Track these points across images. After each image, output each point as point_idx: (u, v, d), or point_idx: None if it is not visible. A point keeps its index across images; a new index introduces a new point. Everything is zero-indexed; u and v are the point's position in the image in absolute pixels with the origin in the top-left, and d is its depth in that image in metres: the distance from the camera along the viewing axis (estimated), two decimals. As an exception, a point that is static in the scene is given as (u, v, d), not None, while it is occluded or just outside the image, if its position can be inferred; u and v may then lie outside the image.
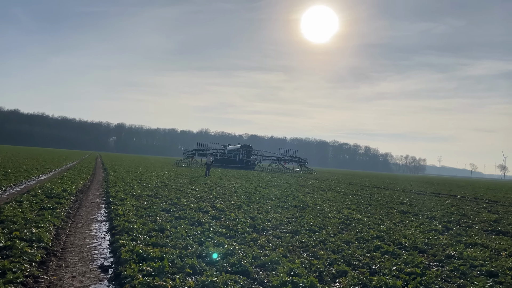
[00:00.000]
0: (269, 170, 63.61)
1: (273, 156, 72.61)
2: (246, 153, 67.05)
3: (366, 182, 44.12)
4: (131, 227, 8.62)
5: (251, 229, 9.73)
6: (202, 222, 10.22)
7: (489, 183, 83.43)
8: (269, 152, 76.20)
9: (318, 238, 8.95)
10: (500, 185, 74.09)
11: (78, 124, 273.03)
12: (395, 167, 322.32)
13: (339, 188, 28.63)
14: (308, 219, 11.80)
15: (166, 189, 19.02)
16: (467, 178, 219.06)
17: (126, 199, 13.82)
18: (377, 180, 53.52)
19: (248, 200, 16.10)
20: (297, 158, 71.16)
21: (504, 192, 40.52)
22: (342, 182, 39.32)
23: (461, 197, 28.01)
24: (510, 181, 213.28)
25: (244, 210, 13.10)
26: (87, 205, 13.23)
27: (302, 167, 69.19)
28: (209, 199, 16.07)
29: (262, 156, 71.31)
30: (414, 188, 36.45)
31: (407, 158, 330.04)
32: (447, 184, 53.88)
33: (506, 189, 48.64)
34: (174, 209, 12.20)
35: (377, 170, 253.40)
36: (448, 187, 44.69)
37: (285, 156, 71.82)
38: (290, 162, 70.69)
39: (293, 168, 68.91)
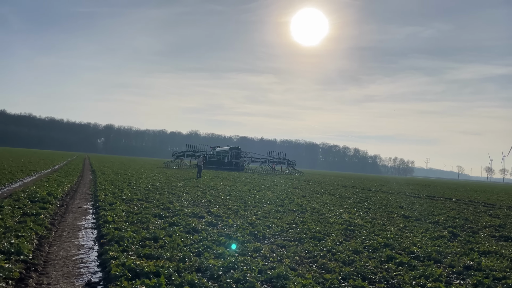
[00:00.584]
0: (258, 172, 63.36)
1: (262, 158, 72.93)
2: (235, 155, 67.34)
3: (359, 184, 43.72)
4: (121, 236, 7.87)
5: (251, 237, 9.05)
6: (198, 229, 9.51)
7: (478, 186, 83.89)
8: (258, 154, 76.80)
9: (325, 247, 8.30)
10: (489, 187, 74.45)
11: (66, 125, 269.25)
12: (384, 169, 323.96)
13: (334, 191, 28.09)
14: (309, 225, 11.15)
15: (158, 192, 18.23)
16: (454, 180, 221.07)
17: (115, 203, 13.03)
18: (369, 182, 53.21)
19: (244, 204, 15.41)
20: (286, 160, 71.58)
21: (496, 194, 40.42)
22: (335, 185, 38.84)
23: (456, 200, 27.66)
24: (497, 183, 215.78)
25: (242, 215, 12.41)
26: (74, 210, 12.41)
27: (291, 169, 69.73)
28: (203, 203, 15.34)
29: (251, 158, 71.67)
30: (407, 190, 36.11)
31: (395, 160, 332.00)
32: (439, 187, 53.80)
33: (497, 192, 48.68)
34: (167, 215, 11.46)
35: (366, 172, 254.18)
36: (441, 189, 44.51)
37: (274, 158, 72.12)
38: (278, 164, 71.04)
39: (282, 170, 69.32)
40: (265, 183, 32.65)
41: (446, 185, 64.35)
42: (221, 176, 39.81)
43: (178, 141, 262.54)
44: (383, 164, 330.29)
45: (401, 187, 42.40)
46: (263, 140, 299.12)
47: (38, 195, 13.17)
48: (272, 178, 43.84)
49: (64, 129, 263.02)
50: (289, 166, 70.64)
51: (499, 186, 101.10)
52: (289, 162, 71.29)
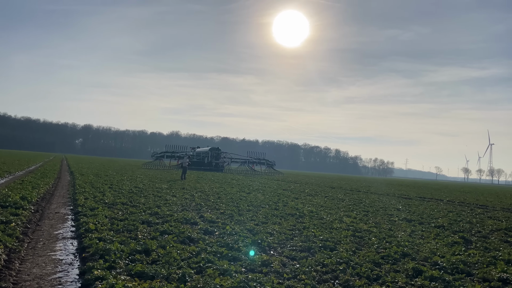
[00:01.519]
0: (237, 172, 63.13)
1: (242, 159, 73.27)
2: (215, 155, 67.59)
3: (346, 185, 43.13)
4: (107, 249, 6.73)
5: (255, 246, 8.01)
6: (194, 238, 8.42)
7: (459, 186, 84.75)
8: (238, 154, 77.40)
9: (340, 259, 7.33)
10: (470, 188, 75.12)
11: (42, 125, 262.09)
12: (364, 169, 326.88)
13: (324, 192, 27.26)
14: (314, 231, 10.18)
15: (142, 195, 16.99)
16: (433, 180, 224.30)
17: (97, 208, 11.80)
18: (354, 183, 52.78)
19: (238, 208, 14.35)
20: (265, 160, 72.12)
21: (481, 195, 40.39)
22: (323, 186, 38.11)
23: (447, 201, 27.22)
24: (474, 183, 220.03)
25: (238, 220, 11.35)
26: (51, 216, 11.12)
27: (270, 169, 70.53)
28: (193, 207, 14.22)
29: (231, 159, 72.04)
30: (395, 192, 35.63)
31: (376, 161, 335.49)
32: (423, 187, 53.78)
33: (481, 192, 48.84)
34: (156, 221, 10.31)
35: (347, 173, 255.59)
36: (427, 190, 44.33)
37: (253, 158, 72.63)
38: (258, 164, 71.30)
39: (261, 170, 69.63)
40: (253, 184, 31.61)
41: (429, 186, 64.56)
42: (205, 177, 38.58)
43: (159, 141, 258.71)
44: (363, 165, 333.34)
45: (387, 188, 42.00)
46: (245, 141, 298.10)
47: (10, 199, 11.81)
48: (258, 179, 42.84)
49: (41, 129, 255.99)
50: (268, 166, 71.25)
51: (478, 186, 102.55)
52: (268, 162, 71.82)
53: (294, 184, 38.11)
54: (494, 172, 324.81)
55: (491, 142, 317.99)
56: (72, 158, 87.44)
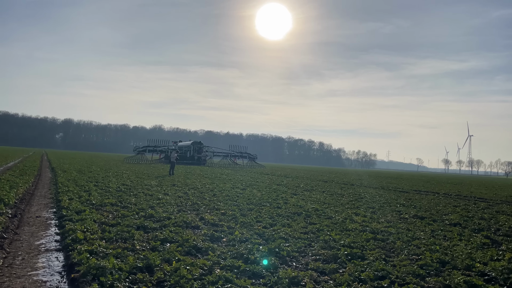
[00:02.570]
0: (219, 166, 62.94)
1: (224, 152, 73.51)
2: (197, 149, 67.81)
3: (336, 178, 42.38)
4: (101, 266, 5.53)
5: (273, 257, 6.91)
6: (201, 247, 7.27)
7: (444, 177, 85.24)
8: (220, 148, 78.24)
9: (376, 271, 6.27)
10: (455, 179, 75.48)
11: (21, 119, 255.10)
12: (347, 162, 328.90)
13: (319, 187, 26.32)
14: (331, 234, 9.13)
15: (132, 194, 15.69)
16: (415, 172, 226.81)
17: (84, 211, 10.51)
18: (344, 176, 52.18)
19: (238, 208, 13.22)
20: (247, 154, 72.61)
21: (472, 187, 40.13)
22: (315, 180, 37.23)
23: (444, 194, 26.62)
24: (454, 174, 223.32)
25: (243, 223, 10.22)
26: (31, 222, 9.80)
27: (252, 163, 70.95)
28: (190, 207, 13.03)
29: (213, 153, 72.52)
30: (388, 184, 34.97)
31: (359, 154, 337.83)
32: (412, 180, 53.55)
33: (470, 184, 48.73)
34: (153, 226, 9.11)
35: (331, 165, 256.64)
36: (417, 183, 43.95)
37: (235, 152, 72.77)
38: (240, 157, 71.87)
39: (243, 163, 70.23)
40: (245, 179, 30.49)
41: (416, 178, 64.44)
42: (194, 172, 37.30)
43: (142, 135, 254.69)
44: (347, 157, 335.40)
45: (378, 181, 41.40)
46: (229, 135, 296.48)
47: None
48: (248, 174, 41.73)
49: (19, 124, 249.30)
50: (250, 159, 71.76)
51: (461, 177, 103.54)
52: (250, 156, 72.33)
53: (285, 178, 37.14)
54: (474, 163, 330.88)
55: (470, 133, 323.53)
56: (53, 154, 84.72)
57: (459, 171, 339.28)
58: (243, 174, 40.62)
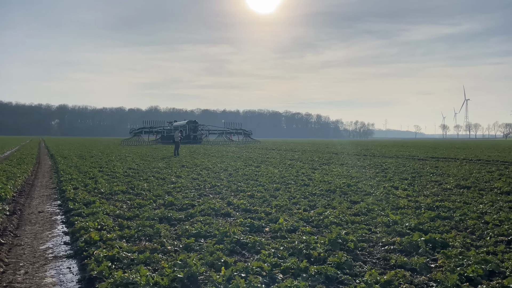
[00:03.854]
0: (216, 143, 63.02)
1: (219, 130, 74.03)
2: (193, 128, 68.18)
3: (344, 150, 41.05)
4: (131, 282, 4.14)
5: (340, 251, 5.53)
6: (245, 242, 5.89)
7: (448, 143, 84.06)
8: (215, 126, 78.18)
9: (478, 262, 4.91)
10: (460, 143, 74.30)
11: (15, 108, 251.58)
12: (346, 133, 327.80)
13: (334, 160, 24.94)
14: (390, 214, 7.75)
15: (142, 178, 14.28)
16: (414, 139, 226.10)
17: (93, 202, 9.12)
18: (350, 147, 50.87)
19: (263, 187, 11.84)
20: (242, 130, 72.83)
21: (485, 150, 38.87)
22: (324, 152, 35.88)
23: (464, 159, 25.35)
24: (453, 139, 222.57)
25: (279, 206, 8.83)
26: (33, 219, 8.39)
27: (247, 139, 71.35)
28: (210, 189, 11.64)
29: (208, 131, 72.91)
30: (401, 153, 33.69)
31: (356, 124, 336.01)
32: (418, 147, 52.31)
33: (478, 148, 47.50)
34: (177, 216, 7.73)
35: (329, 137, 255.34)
36: (426, 150, 42.67)
37: (230, 129, 73.25)
38: (235, 134, 72.06)
39: (239, 140, 70.26)
40: (254, 156, 29.13)
41: (420, 145, 63.17)
42: (198, 152, 35.90)
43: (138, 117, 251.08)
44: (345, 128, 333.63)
45: (388, 150, 40.11)
46: (226, 112, 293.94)
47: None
48: (255, 150, 40.36)
49: (13, 112, 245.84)
50: (245, 136, 71.98)
51: (462, 141, 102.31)
52: (245, 132, 72.59)
53: (293, 152, 35.78)
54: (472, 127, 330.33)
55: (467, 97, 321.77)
56: (50, 140, 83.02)
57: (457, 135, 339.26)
58: (250, 151, 39.24)
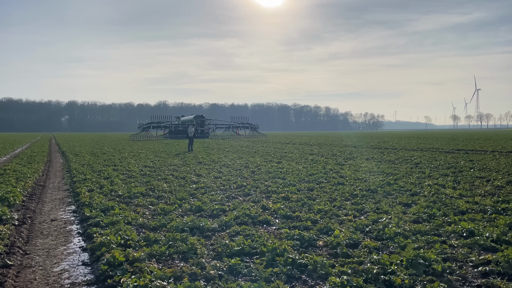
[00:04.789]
0: (223, 138, 63.20)
1: (226, 124, 74.64)
2: (200, 123, 68.34)
3: (361, 143, 39.73)
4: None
5: (426, 275, 4.42)
6: (303, 264, 4.80)
7: (463, 134, 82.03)
8: (222, 120, 78.79)
9: None
10: (478, 134, 72.42)
11: (25, 105, 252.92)
12: (355, 125, 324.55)
13: (358, 154, 23.73)
14: (460, 222, 6.63)
15: (160, 178, 13.27)
16: (424, 130, 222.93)
17: (112, 208, 8.11)
18: (365, 140, 49.51)
19: (294, 187, 10.74)
20: (249, 124, 73.40)
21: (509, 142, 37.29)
22: (341, 145, 34.65)
23: (492, 152, 23.99)
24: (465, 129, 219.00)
25: (324, 212, 7.72)
26: (45, 230, 7.39)
27: (254, 132, 71.77)
28: (237, 190, 10.56)
29: (215, 125, 73.37)
30: (421, 146, 32.31)
31: (366, 116, 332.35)
32: (436, 139, 50.72)
33: (500, 138, 45.84)
34: (210, 225, 6.67)
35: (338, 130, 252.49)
36: (447, 142, 41.16)
37: (237, 123, 73.65)
38: (242, 128, 72.54)
39: (245, 134, 70.69)
40: (270, 151, 28.03)
41: (435, 136, 61.25)
42: (211, 147, 34.92)
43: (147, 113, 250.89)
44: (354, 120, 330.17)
45: (407, 142, 38.73)
46: (234, 106, 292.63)
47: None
48: (270, 145, 39.27)
49: (24, 109, 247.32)
50: (252, 129, 72.41)
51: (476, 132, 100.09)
52: (252, 126, 73.00)
53: (310, 146, 34.60)
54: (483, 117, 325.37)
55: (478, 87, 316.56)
56: (60, 137, 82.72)
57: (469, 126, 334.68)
58: (265, 145, 38.14)
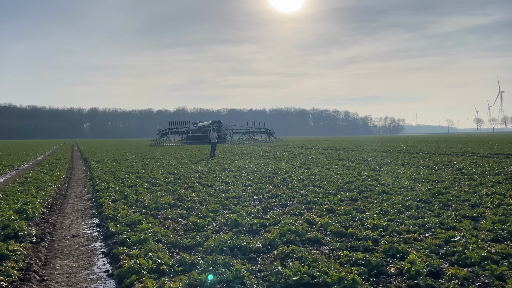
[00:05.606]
0: (239, 143, 63.51)
1: (242, 129, 75.22)
2: (217, 128, 68.91)
3: (389, 148, 38.25)
4: None
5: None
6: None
7: (490, 137, 79.13)
8: (238, 125, 79.80)
9: None
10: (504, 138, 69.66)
11: (49, 112, 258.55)
12: (375, 129, 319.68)
13: (388, 158, 22.48)
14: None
15: (187, 186, 12.43)
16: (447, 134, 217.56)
17: (138, 222, 7.27)
18: (392, 144, 47.92)
19: (335, 197, 9.71)
20: (265, 129, 73.91)
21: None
22: (369, 150, 33.33)
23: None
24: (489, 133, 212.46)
25: (379, 228, 6.71)
26: (65, 249, 6.58)
27: (270, 137, 72.25)
28: (273, 201, 9.60)
29: (232, 130, 74.23)
30: (454, 150, 30.73)
31: (386, 120, 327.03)
32: (465, 143, 48.74)
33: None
34: (253, 245, 5.73)
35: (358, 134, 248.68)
36: (480, 145, 39.30)
37: (254, 128, 74.13)
38: (258, 133, 72.94)
39: (262, 139, 71.03)
40: (295, 156, 27.02)
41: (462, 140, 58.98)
42: (233, 152, 34.11)
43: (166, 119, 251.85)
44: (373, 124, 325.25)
45: (437, 147, 37.09)
46: (252, 111, 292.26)
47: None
48: (292, 150, 38.23)
49: (47, 116, 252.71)
50: (268, 134, 73.03)
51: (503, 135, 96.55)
52: (268, 131, 73.65)
53: (336, 151, 33.41)
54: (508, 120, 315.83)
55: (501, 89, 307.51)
56: (82, 143, 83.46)
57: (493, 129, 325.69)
58: (288, 150, 37.11)
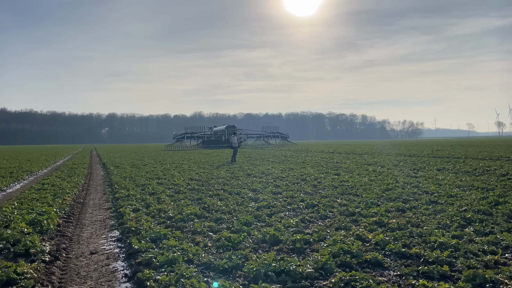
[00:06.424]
0: (254, 147, 64.36)
1: (257, 134, 75.85)
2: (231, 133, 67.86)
3: (414, 152, 36.78)
4: None
5: None
6: None
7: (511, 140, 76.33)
8: (253, 130, 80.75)
9: None
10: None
11: (68, 117, 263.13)
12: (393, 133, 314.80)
13: (420, 163, 21.25)
14: None
15: (212, 194, 11.55)
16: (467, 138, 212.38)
17: (164, 236, 6.42)
18: (416, 148, 46.34)
19: (379, 207, 8.71)
20: (279, 133, 74.73)
21: None
22: (395, 155, 32.03)
23: None
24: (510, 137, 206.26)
25: (447, 247, 5.70)
26: (83, 270, 5.74)
27: (284, 141, 73.03)
28: (309, 211, 8.65)
29: (247, 135, 74.21)
30: (483, 154, 29.19)
31: (404, 124, 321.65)
32: (495, 146, 46.76)
33: None
34: (303, 269, 4.80)
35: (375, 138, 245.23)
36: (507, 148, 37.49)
37: (268, 132, 75.03)
38: (272, 138, 73.44)
39: (276, 143, 71.61)
40: (320, 161, 25.96)
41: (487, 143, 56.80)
42: (253, 156, 33.26)
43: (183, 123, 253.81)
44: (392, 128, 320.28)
45: (465, 150, 35.49)
46: (268, 116, 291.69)
47: (6, 233, 6.55)
48: (314, 154, 37.16)
49: (67, 122, 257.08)
50: (282, 139, 73.48)
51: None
52: (282, 135, 74.31)
53: (361, 156, 32.19)
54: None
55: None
56: (101, 148, 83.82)
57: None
58: (310, 154, 36.06)
